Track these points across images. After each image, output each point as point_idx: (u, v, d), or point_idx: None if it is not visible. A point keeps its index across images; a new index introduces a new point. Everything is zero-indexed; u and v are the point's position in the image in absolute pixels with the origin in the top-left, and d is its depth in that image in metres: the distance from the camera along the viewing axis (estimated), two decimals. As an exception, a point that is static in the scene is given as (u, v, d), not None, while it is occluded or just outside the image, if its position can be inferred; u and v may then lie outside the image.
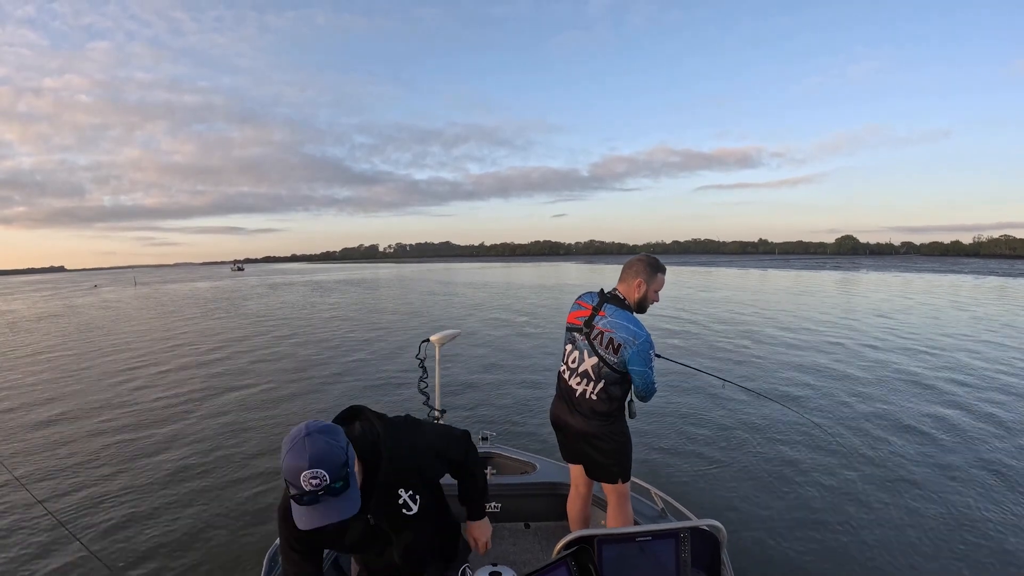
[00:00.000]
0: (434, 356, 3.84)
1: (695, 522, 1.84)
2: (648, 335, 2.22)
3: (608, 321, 2.25)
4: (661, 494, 2.69)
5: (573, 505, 2.63)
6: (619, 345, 2.20)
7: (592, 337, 2.28)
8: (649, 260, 2.34)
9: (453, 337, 3.81)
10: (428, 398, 3.69)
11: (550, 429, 2.60)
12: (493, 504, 3.05)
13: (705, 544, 1.85)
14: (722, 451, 5.17)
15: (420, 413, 3.69)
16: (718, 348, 10.40)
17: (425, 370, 3.66)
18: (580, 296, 2.43)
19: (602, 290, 2.38)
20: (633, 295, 2.33)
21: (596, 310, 2.30)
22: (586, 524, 2.68)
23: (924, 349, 9.88)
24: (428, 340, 3.69)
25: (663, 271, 2.37)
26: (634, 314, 2.30)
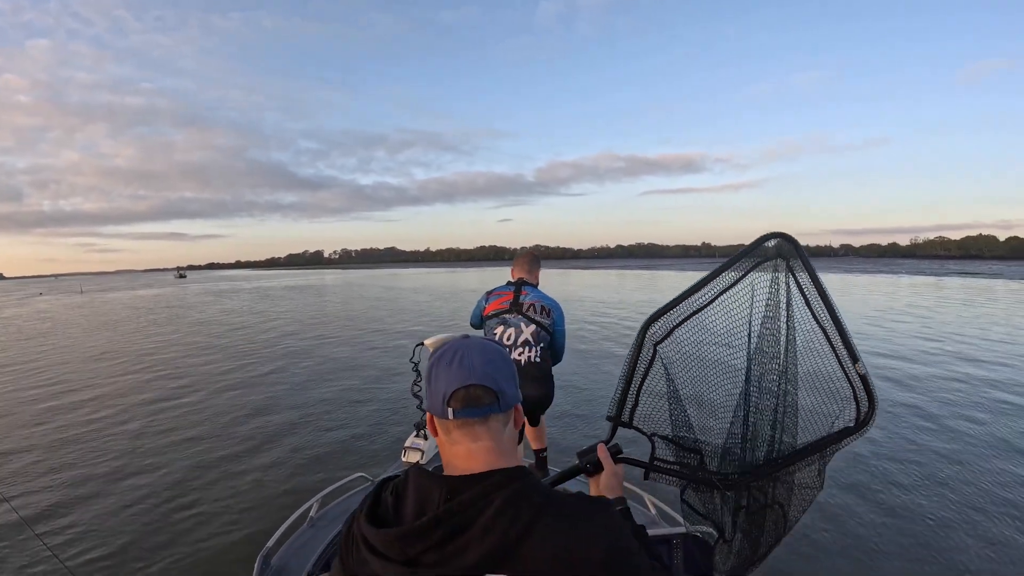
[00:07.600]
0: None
1: (688, 528, 1.84)
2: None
3: (533, 296, 2.97)
4: (655, 500, 2.66)
5: None
6: (549, 310, 2.93)
7: (524, 311, 2.90)
8: (537, 256, 3.20)
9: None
10: (421, 402, 3.48)
11: None
12: None
13: (698, 550, 1.86)
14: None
15: (414, 416, 3.78)
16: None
17: (419, 374, 3.64)
18: (491, 291, 3.06)
19: (509, 281, 3.09)
20: (535, 281, 3.11)
21: (517, 293, 2.96)
22: None
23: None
24: (423, 344, 3.59)
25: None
26: None
